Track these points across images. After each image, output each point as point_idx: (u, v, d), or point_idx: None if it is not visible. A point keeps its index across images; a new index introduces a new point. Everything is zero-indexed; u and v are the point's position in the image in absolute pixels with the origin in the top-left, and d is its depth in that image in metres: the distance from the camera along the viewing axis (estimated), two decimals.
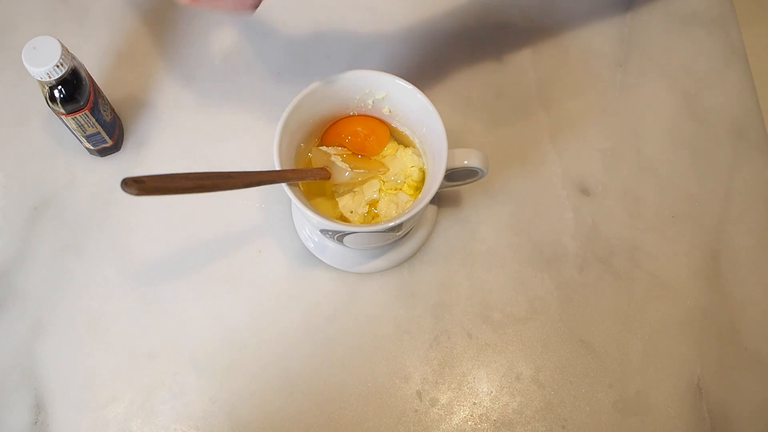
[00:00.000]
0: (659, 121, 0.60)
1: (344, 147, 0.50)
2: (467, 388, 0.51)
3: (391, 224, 0.43)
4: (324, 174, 0.47)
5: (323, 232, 0.47)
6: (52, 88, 0.47)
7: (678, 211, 0.57)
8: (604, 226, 0.56)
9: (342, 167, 0.47)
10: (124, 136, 0.57)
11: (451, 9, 0.64)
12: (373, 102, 0.49)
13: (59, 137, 0.57)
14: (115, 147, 0.56)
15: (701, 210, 0.57)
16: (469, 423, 0.50)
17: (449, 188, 0.54)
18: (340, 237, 0.46)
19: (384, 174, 0.49)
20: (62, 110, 0.48)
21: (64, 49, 0.46)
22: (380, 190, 0.49)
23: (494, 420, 0.50)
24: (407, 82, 0.46)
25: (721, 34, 0.64)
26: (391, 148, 0.51)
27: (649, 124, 0.60)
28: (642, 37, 0.63)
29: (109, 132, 0.53)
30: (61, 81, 0.47)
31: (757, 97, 0.61)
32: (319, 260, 0.53)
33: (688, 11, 0.65)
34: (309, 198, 0.48)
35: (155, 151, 0.57)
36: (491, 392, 0.51)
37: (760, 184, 0.58)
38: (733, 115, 0.60)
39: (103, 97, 0.53)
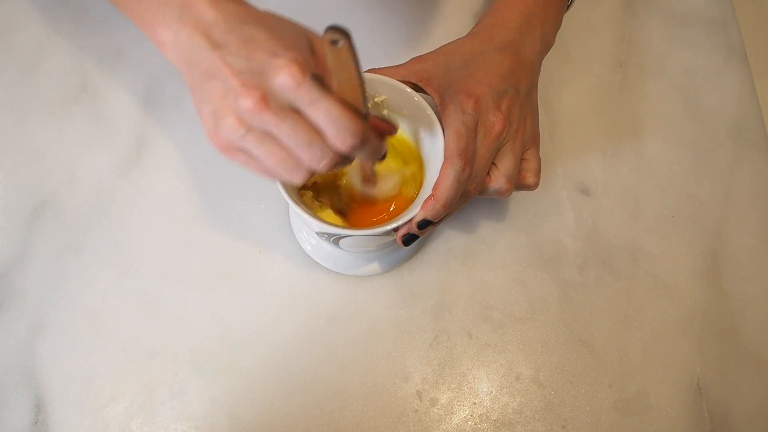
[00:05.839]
0: (659, 121, 0.60)
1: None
2: (467, 388, 0.51)
3: (387, 228, 0.43)
4: (391, 129, 0.41)
5: (319, 234, 0.47)
6: None
7: (678, 211, 0.57)
8: (604, 226, 0.56)
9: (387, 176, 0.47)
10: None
11: (452, 10, 0.64)
12: (372, 105, 0.49)
13: (59, 137, 0.57)
14: None
15: (701, 210, 0.57)
16: (469, 423, 0.50)
17: None
18: (335, 240, 0.46)
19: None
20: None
21: None
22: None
23: (494, 420, 0.50)
24: (406, 85, 0.46)
25: (721, 34, 0.64)
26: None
27: (649, 124, 0.60)
28: (642, 37, 0.63)
29: None
30: None
31: (757, 97, 0.61)
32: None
33: (688, 11, 0.65)
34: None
35: (155, 151, 0.57)
36: (491, 392, 0.51)
37: (760, 184, 0.58)
38: (733, 115, 0.60)
39: None
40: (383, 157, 0.40)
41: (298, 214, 0.43)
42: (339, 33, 0.31)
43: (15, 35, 0.60)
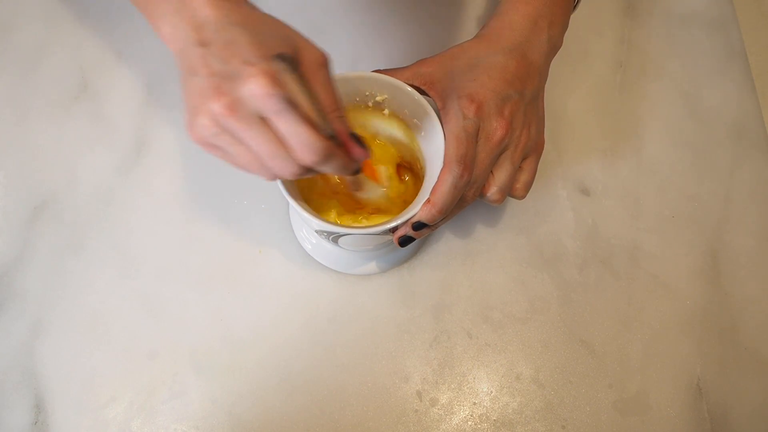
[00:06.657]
0: (659, 121, 0.60)
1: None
2: (467, 388, 0.51)
3: (387, 227, 0.43)
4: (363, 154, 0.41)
5: (319, 232, 0.47)
6: None
7: (678, 211, 0.57)
8: (604, 226, 0.56)
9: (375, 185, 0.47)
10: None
11: (452, 11, 0.64)
12: (373, 104, 0.49)
13: (59, 137, 0.57)
14: None
15: (701, 210, 0.57)
16: (469, 423, 0.50)
17: None
18: (335, 238, 0.46)
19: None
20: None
21: None
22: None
23: (494, 420, 0.50)
24: (407, 85, 0.46)
25: (721, 34, 0.64)
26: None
27: (649, 124, 0.60)
28: (642, 37, 0.63)
29: None
30: None
31: (757, 97, 0.61)
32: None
33: (688, 11, 0.65)
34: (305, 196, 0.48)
35: (155, 151, 0.57)
36: (491, 392, 0.51)
37: (760, 184, 0.58)
38: (733, 115, 0.60)
39: None
40: (356, 173, 0.40)
41: (297, 212, 0.43)
42: (283, 63, 0.33)
43: (15, 35, 0.60)
